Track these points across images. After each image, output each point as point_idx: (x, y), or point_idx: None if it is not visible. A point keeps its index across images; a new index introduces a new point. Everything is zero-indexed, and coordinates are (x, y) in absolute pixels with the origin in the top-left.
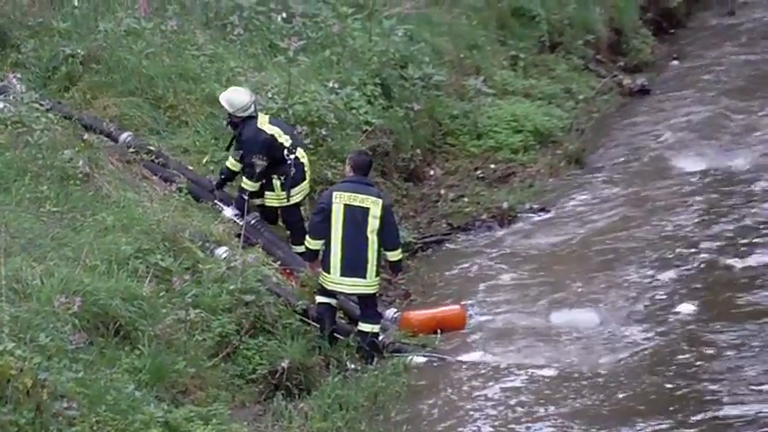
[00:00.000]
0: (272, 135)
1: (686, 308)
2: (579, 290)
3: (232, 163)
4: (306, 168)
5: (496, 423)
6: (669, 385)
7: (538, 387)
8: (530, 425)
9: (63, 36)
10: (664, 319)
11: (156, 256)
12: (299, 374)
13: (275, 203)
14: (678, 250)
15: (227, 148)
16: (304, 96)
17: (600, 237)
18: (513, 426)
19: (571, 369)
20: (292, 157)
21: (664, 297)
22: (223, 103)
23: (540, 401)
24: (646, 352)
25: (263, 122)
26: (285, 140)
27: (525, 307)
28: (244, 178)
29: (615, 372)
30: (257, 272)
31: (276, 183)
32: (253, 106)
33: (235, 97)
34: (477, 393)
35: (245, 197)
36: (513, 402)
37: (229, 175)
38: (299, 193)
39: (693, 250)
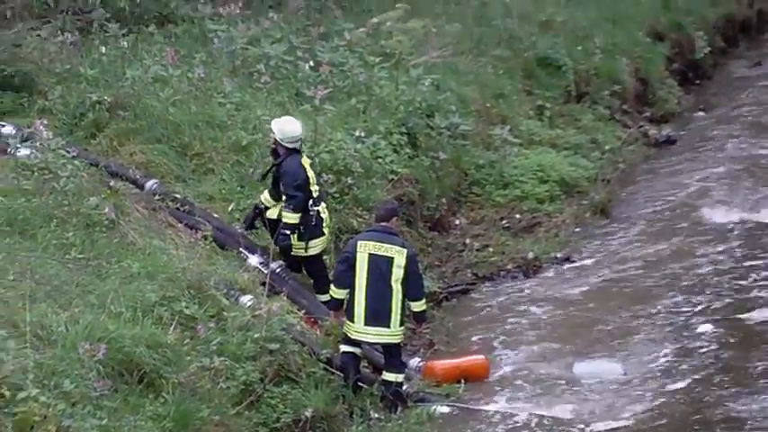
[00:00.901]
0: (309, 179)
1: (712, 361)
2: (603, 340)
3: (266, 198)
4: (324, 224)
5: None
6: None
7: None
8: None
9: (90, 83)
10: (688, 372)
11: (180, 304)
12: (323, 423)
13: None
14: (704, 301)
15: (263, 178)
16: (330, 145)
17: (625, 287)
18: None
19: (593, 420)
20: (315, 209)
21: (689, 349)
22: (274, 128)
23: None
24: (670, 403)
25: (306, 163)
26: (314, 190)
27: (549, 357)
28: (285, 212)
29: (637, 424)
30: (282, 320)
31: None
32: (300, 142)
33: (287, 126)
34: None
35: (288, 232)
36: None
37: (261, 211)
38: (316, 246)
39: (720, 301)
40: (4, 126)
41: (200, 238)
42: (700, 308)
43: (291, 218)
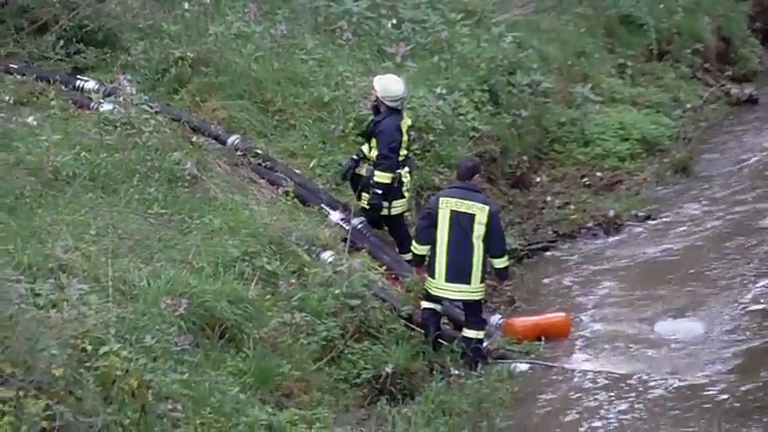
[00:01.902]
0: (402, 141)
1: None
2: (684, 298)
3: (367, 148)
4: (405, 188)
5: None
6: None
7: (641, 396)
8: None
9: (173, 38)
10: None
11: (262, 260)
12: (403, 379)
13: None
14: None
15: (362, 135)
16: (412, 102)
17: (706, 246)
18: None
19: (675, 378)
20: (398, 171)
21: None
22: (377, 86)
23: (645, 410)
24: (750, 363)
25: (404, 125)
26: (402, 154)
27: (630, 315)
28: (377, 171)
29: (718, 383)
30: (363, 276)
31: None
32: (402, 102)
33: (391, 85)
34: (581, 401)
35: (380, 192)
36: (616, 410)
37: (358, 162)
38: (398, 207)
39: None
40: (87, 81)
41: (282, 193)
42: None
43: (383, 177)
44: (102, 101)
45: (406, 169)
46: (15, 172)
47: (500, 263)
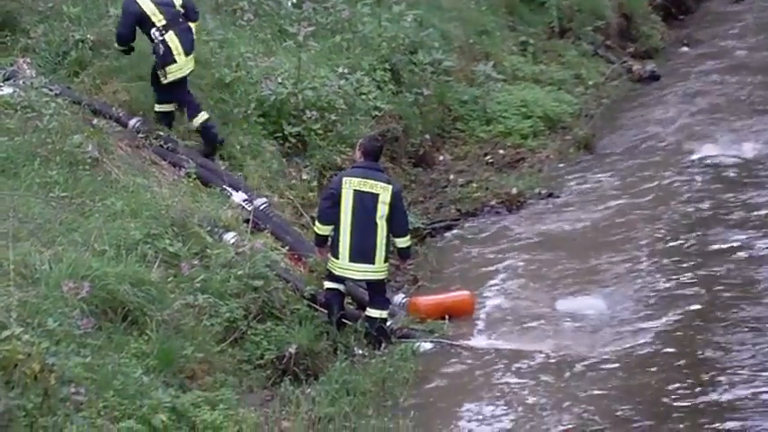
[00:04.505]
0: (144, 13)
1: (694, 294)
2: (586, 276)
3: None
4: (176, 51)
5: (503, 408)
6: (674, 372)
7: (543, 372)
8: (536, 410)
9: (73, 21)
10: (671, 306)
11: (164, 242)
12: (307, 360)
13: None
14: (687, 237)
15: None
16: (314, 82)
17: (608, 223)
18: (520, 411)
19: (576, 355)
20: (162, 38)
21: (672, 283)
22: None
23: (545, 387)
24: (652, 338)
25: None
26: (158, 20)
27: (532, 293)
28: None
29: (619, 359)
30: (266, 257)
31: None
32: None
33: None
34: (484, 379)
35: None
36: (518, 388)
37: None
38: (173, 72)
39: (703, 237)
40: None
41: (184, 175)
42: (683, 245)
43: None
44: (1, 84)
45: (171, 33)
46: None
47: (403, 242)
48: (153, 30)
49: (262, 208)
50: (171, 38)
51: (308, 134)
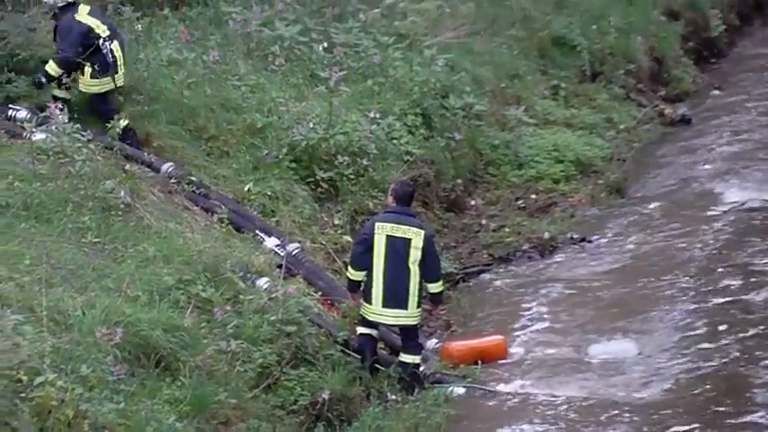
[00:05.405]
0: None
1: (727, 338)
2: (619, 319)
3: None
4: (120, 61)
5: None
6: (710, 416)
7: (576, 417)
8: None
9: None
10: (704, 349)
11: (197, 287)
12: (340, 405)
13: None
14: (720, 281)
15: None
16: (345, 126)
17: (640, 267)
18: None
19: (609, 399)
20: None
21: (704, 328)
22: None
23: None
24: (684, 383)
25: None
26: (102, 31)
27: (565, 337)
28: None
29: (653, 401)
30: (298, 302)
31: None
32: None
33: None
34: (517, 424)
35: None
36: None
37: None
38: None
39: (735, 282)
40: (18, 110)
41: (216, 220)
42: (715, 288)
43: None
44: (34, 130)
45: (115, 43)
46: None
47: (435, 287)
48: (100, 41)
49: (294, 253)
50: (116, 48)
51: (340, 179)
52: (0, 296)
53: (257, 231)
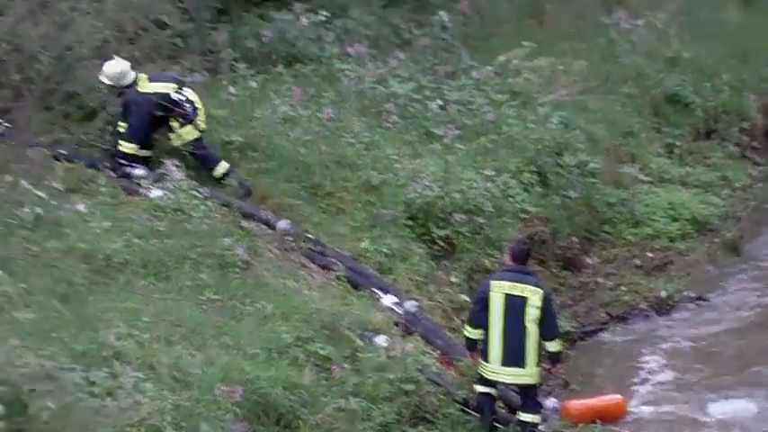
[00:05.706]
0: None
1: None
2: (737, 378)
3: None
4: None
5: None
6: None
7: None
8: None
9: (220, 123)
10: None
11: (315, 345)
12: None
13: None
14: None
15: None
16: (461, 184)
17: (759, 325)
18: None
19: None
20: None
21: None
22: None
23: None
24: None
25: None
26: (172, 88)
27: (684, 396)
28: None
29: None
30: (417, 361)
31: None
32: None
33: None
34: None
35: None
36: None
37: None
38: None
39: None
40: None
41: (333, 278)
42: None
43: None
44: (150, 187)
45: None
46: (67, 259)
47: (553, 346)
48: (171, 95)
49: (412, 311)
50: (189, 93)
51: (456, 237)
52: (120, 353)
53: (374, 289)
